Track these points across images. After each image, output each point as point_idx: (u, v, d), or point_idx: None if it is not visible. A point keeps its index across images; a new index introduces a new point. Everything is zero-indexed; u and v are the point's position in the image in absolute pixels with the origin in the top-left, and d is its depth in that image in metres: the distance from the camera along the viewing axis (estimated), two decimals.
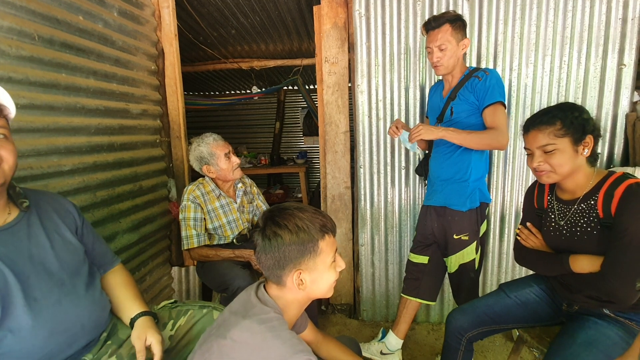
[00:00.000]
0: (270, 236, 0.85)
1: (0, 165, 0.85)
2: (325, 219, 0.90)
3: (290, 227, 0.85)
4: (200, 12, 2.72)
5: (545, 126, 1.12)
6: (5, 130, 0.86)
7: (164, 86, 2.21)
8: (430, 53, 1.63)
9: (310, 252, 0.86)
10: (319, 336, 1.16)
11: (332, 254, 0.90)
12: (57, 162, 1.44)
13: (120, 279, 1.15)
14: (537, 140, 1.14)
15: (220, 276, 1.71)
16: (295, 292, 0.89)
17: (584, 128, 1.10)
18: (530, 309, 1.34)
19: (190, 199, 1.80)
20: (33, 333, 0.85)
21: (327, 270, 0.90)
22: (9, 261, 0.85)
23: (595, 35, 1.89)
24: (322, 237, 0.87)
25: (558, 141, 1.11)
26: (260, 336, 0.80)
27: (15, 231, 0.90)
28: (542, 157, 1.14)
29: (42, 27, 1.37)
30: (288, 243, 0.84)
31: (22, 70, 1.29)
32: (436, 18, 1.60)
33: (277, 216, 0.87)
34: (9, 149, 0.86)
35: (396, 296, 2.31)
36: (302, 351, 0.78)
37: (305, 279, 0.87)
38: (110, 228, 1.71)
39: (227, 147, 1.85)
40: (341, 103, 2.22)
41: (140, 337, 1.01)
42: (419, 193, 2.19)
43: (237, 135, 6.24)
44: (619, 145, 1.97)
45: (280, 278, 0.88)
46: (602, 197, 1.10)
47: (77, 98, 1.54)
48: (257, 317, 0.83)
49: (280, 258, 0.85)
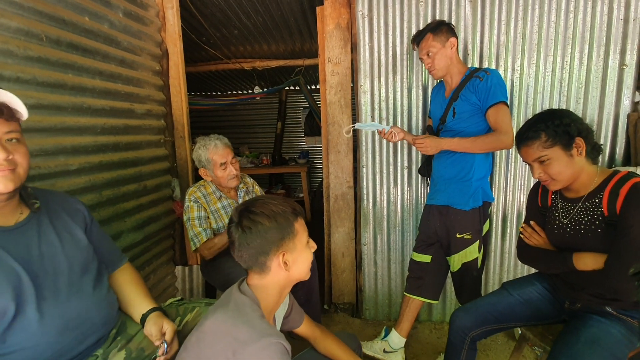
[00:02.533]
0: (250, 226, 0.88)
1: (16, 169, 0.86)
2: (293, 204, 0.96)
3: (267, 212, 0.90)
4: (203, 13, 2.74)
5: (532, 141, 1.15)
6: (18, 134, 0.88)
7: (167, 86, 2.22)
8: (423, 62, 1.72)
9: (289, 234, 0.92)
10: (317, 331, 1.18)
11: (306, 234, 0.97)
12: (64, 162, 1.46)
13: (128, 276, 1.17)
14: (530, 155, 1.18)
15: (224, 275, 1.72)
16: (279, 275, 0.93)
17: (569, 133, 1.12)
18: (533, 307, 1.34)
19: (192, 199, 1.81)
20: (44, 330, 0.86)
21: (304, 249, 0.96)
22: (21, 260, 0.87)
23: (597, 35, 1.90)
24: (295, 219, 0.94)
25: (549, 151, 1.13)
26: (230, 321, 0.83)
27: (26, 230, 0.92)
28: (540, 168, 1.17)
29: (49, 27, 1.39)
30: (268, 227, 0.89)
31: (30, 71, 1.31)
32: (419, 32, 1.71)
33: (251, 206, 0.91)
34: (22, 153, 0.88)
35: (399, 295, 2.32)
36: (271, 335, 0.80)
37: (288, 259, 0.92)
38: (116, 227, 1.73)
39: (226, 157, 1.79)
40: (344, 103, 2.23)
41: (158, 323, 1.04)
42: (421, 192, 2.20)
43: (239, 135, 6.26)
44: (620, 145, 1.98)
45: (265, 264, 0.91)
46: (607, 195, 1.11)
47: (83, 98, 1.55)
48: (230, 305, 0.87)
49: (263, 244, 0.89)
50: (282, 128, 5.79)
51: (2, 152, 0.81)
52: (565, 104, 1.99)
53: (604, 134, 1.98)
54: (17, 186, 0.87)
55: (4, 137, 0.84)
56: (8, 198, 0.88)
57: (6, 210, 0.90)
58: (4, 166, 0.83)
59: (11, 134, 0.85)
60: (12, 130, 0.85)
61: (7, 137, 0.85)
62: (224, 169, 1.79)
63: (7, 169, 0.84)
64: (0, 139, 0.83)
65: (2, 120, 0.82)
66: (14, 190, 0.87)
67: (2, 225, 0.89)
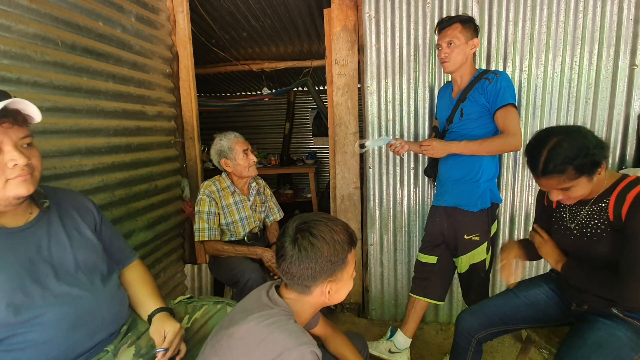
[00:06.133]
0: (307, 247, 0.85)
1: (34, 173, 0.88)
2: (351, 230, 0.92)
3: (328, 239, 0.86)
4: (213, 16, 2.79)
5: (558, 175, 1.06)
6: (31, 138, 0.90)
7: (178, 89, 2.27)
8: (439, 50, 1.67)
9: (341, 265, 0.88)
10: (329, 330, 1.19)
11: (354, 265, 0.94)
12: (79, 162, 1.51)
13: (138, 275, 1.19)
14: (552, 185, 1.11)
15: (231, 270, 1.76)
16: (318, 300, 0.91)
17: (596, 162, 1.05)
18: (540, 309, 1.34)
19: (206, 193, 1.87)
20: (55, 327, 0.89)
21: (349, 280, 0.93)
22: (30, 259, 0.90)
23: (606, 35, 1.88)
24: (349, 249, 0.90)
25: (574, 182, 1.07)
26: (265, 329, 0.81)
27: (36, 230, 0.95)
28: (560, 193, 1.12)
29: (65, 33, 1.44)
30: (326, 256, 0.85)
31: (47, 75, 1.36)
32: (449, 18, 1.65)
33: (313, 227, 0.87)
34: (37, 156, 0.90)
35: (405, 295, 2.33)
36: (307, 343, 0.79)
37: (332, 288, 0.89)
38: (127, 226, 1.78)
39: (247, 145, 1.94)
40: (351, 104, 2.25)
41: (159, 330, 1.04)
42: (427, 193, 2.20)
43: (247, 135, 6.13)
44: (631, 146, 1.95)
45: (309, 288, 0.88)
46: (613, 200, 1.10)
47: (97, 101, 1.60)
48: (263, 313, 0.85)
49: (315, 269, 0.86)
50: (290, 129, 5.82)
51: (22, 158, 0.84)
52: (574, 105, 1.97)
53: (614, 135, 1.96)
54: (35, 188, 0.90)
55: (20, 142, 0.86)
56: (25, 200, 0.92)
57: (18, 211, 0.93)
58: (25, 171, 0.85)
59: (26, 139, 0.87)
60: (26, 135, 0.87)
61: (23, 143, 0.87)
62: (246, 155, 1.90)
63: (27, 173, 0.86)
64: (18, 145, 0.85)
65: (16, 126, 0.85)
66: (33, 192, 0.90)
67: (13, 226, 0.91)
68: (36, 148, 0.92)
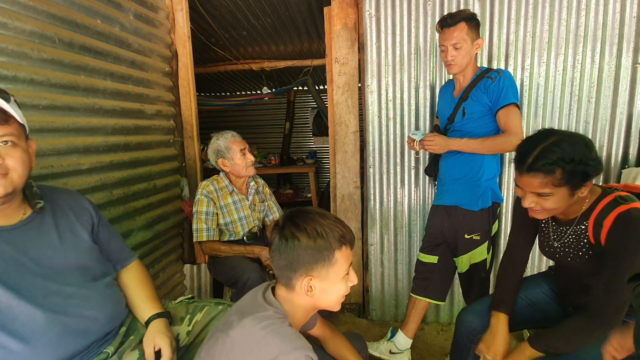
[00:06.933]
0: (287, 237, 0.85)
1: (8, 174, 0.84)
2: (345, 229, 0.89)
3: (309, 230, 0.84)
4: (212, 15, 2.77)
5: (543, 175, 0.99)
6: (14, 137, 0.85)
7: (177, 87, 2.26)
8: (443, 51, 1.62)
9: (324, 260, 0.85)
10: (327, 331, 1.18)
11: (347, 266, 0.90)
12: (76, 161, 1.49)
13: (135, 276, 1.17)
14: (531, 186, 1.03)
15: (230, 269, 1.75)
16: (303, 298, 0.89)
17: (586, 174, 0.98)
18: (541, 309, 1.33)
19: (204, 193, 1.86)
20: (46, 328, 0.87)
21: (338, 281, 0.89)
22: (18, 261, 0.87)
23: (609, 33, 1.86)
24: (339, 247, 0.86)
25: (555, 190, 1.00)
26: (259, 333, 0.79)
27: (27, 230, 0.92)
28: (535, 198, 1.05)
29: (62, 30, 1.42)
30: (304, 247, 0.84)
31: (44, 72, 1.34)
32: (452, 15, 1.59)
33: (298, 218, 0.87)
34: (16, 157, 0.85)
35: (405, 296, 2.31)
36: (301, 347, 0.78)
37: (314, 286, 0.86)
38: (126, 225, 1.76)
39: (244, 144, 1.92)
40: (351, 103, 2.23)
41: (149, 343, 1.02)
42: (428, 193, 2.19)
43: (247, 135, 6.19)
44: (634, 145, 1.94)
45: (290, 280, 0.87)
46: (592, 224, 1.08)
47: (95, 99, 1.59)
48: (257, 315, 0.83)
49: (293, 260, 0.85)
50: (290, 128, 5.81)
51: None
52: (576, 104, 1.95)
53: (617, 134, 1.94)
54: (8, 191, 0.85)
55: None
56: (4, 202, 0.88)
57: (7, 211, 0.90)
58: None
59: (5, 137, 0.83)
60: (6, 134, 0.83)
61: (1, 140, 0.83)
62: (244, 155, 1.88)
63: None
64: None
65: None
66: (5, 195, 0.85)
67: (3, 225, 0.89)
68: (21, 150, 0.87)
